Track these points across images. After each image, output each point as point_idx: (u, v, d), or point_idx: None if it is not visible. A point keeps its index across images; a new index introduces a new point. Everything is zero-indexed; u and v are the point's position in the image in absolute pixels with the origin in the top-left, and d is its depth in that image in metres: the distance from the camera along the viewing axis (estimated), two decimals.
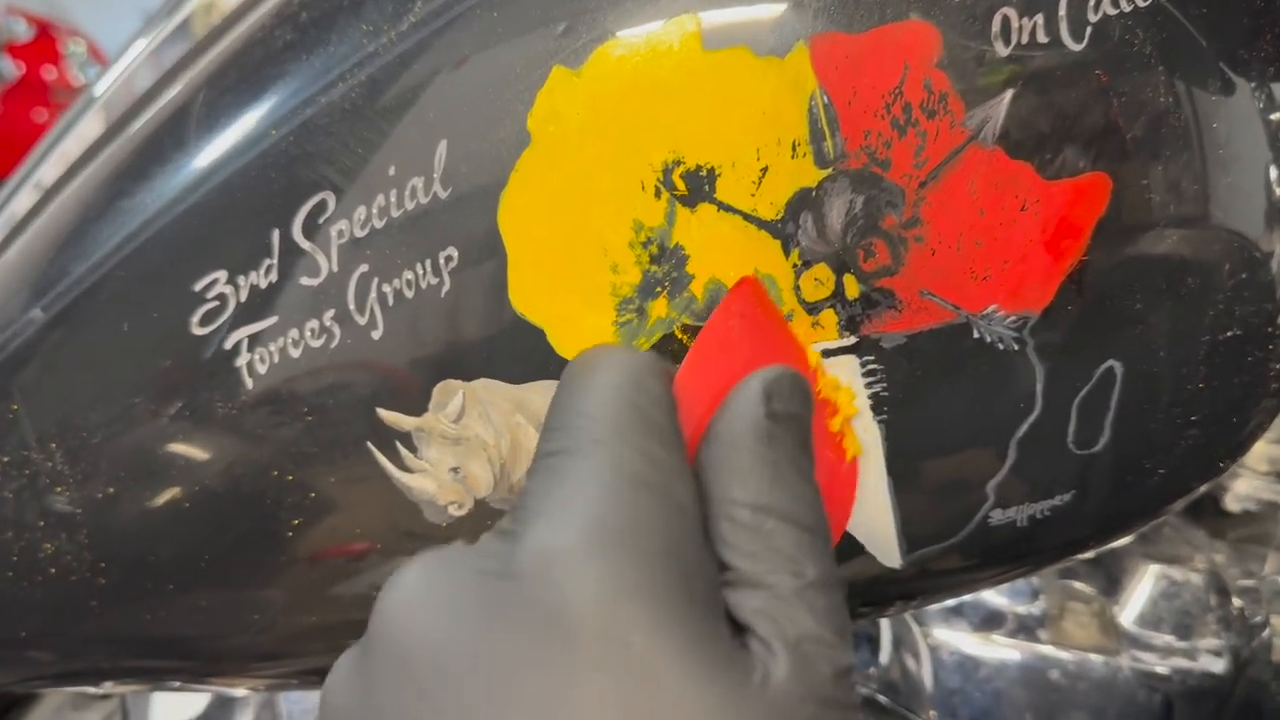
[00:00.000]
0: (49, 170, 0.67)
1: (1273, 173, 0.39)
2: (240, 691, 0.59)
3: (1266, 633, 0.63)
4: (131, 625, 0.43)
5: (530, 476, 0.30)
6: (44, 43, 2.84)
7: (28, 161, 0.65)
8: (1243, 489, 0.71)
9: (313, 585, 0.42)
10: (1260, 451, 0.64)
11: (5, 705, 0.61)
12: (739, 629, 0.28)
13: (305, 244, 0.37)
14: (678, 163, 0.35)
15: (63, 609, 0.43)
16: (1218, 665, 0.62)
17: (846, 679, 0.28)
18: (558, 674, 0.26)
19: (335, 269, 0.37)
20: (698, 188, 0.35)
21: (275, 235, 0.37)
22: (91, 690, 0.60)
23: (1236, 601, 0.64)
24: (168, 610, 0.42)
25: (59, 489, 0.41)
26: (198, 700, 0.60)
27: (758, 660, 0.27)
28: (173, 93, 0.41)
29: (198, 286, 0.38)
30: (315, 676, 0.47)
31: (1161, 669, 0.62)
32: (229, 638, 0.44)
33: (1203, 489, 0.45)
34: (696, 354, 0.32)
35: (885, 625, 0.64)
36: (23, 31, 2.83)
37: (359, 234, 0.36)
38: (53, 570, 0.42)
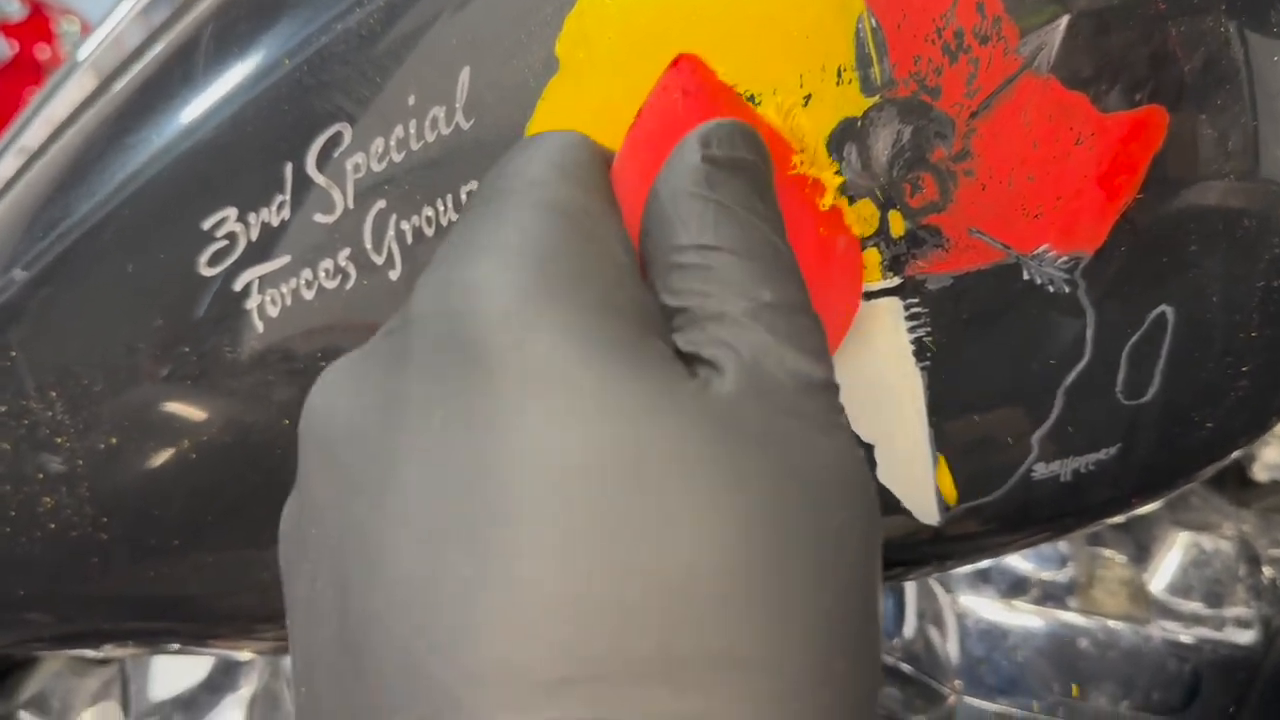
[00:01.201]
0: (34, 134, 0.66)
1: None
2: (245, 655, 0.58)
3: None
4: (134, 583, 0.42)
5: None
6: (37, 21, 2.83)
7: (12, 128, 0.63)
8: (1271, 457, 0.70)
9: None
10: None
11: (2, 670, 0.60)
12: (688, 363, 0.25)
13: (319, 178, 0.35)
14: None
15: (63, 566, 0.41)
16: (1247, 635, 0.61)
17: (818, 395, 0.25)
18: (468, 399, 0.23)
19: (351, 205, 0.35)
20: None
21: (288, 169, 0.35)
22: (91, 654, 0.59)
23: (1267, 571, 0.63)
24: (172, 567, 0.41)
25: (59, 440, 0.39)
26: (200, 665, 0.59)
27: (703, 375, 0.24)
28: (179, 28, 0.40)
29: (206, 224, 0.36)
30: None
31: (1190, 639, 0.61)
32: (235, 596, 0.43)
33: (1245, 448, 0.43)
34: (635, 134, 0.30)
35: (910, 592, 0.63)
36: (15, 10, 2.81)
37: (376, 168, 0.35)
38: (52, 525, 0.41)
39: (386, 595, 0.23)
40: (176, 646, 0.48)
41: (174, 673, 0.59)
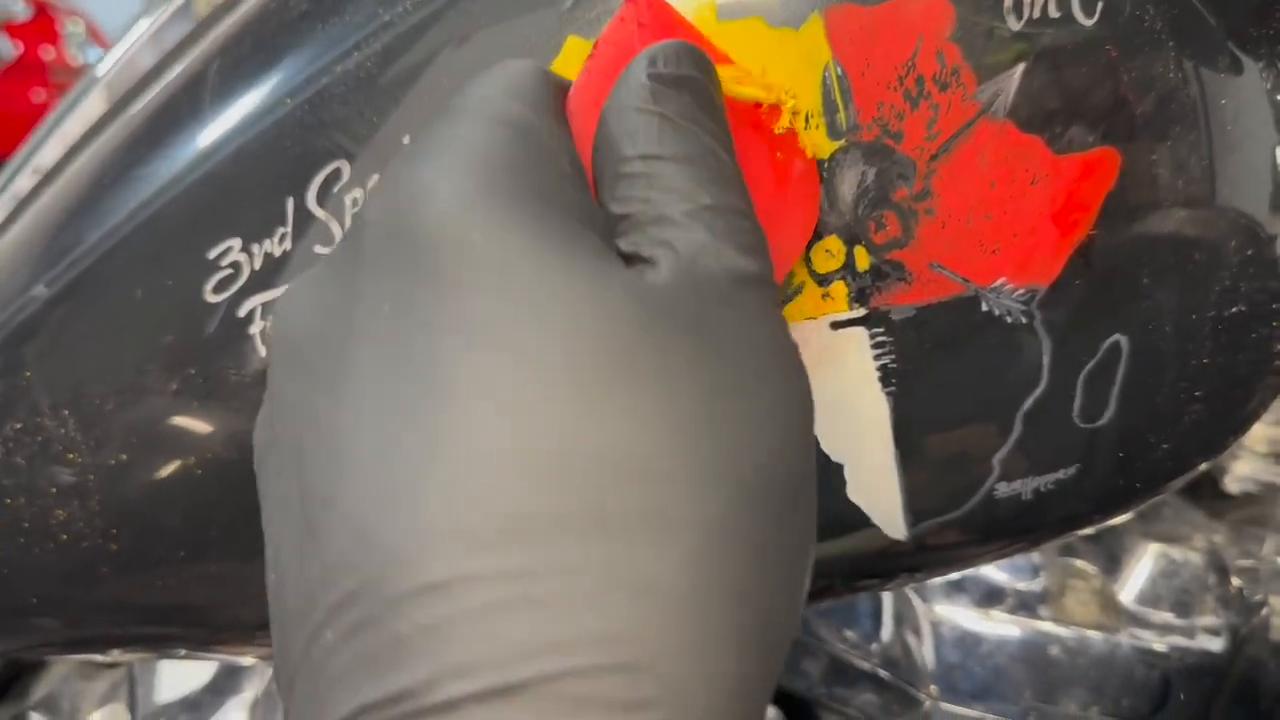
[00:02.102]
0: (50, 151, 0.67)
1: (1279, 153, 0.39)
2: (248, 660, 0.60)
3: (1265, 612, 0.63)
4: (141, 592, 0.43)
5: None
6: (42, 22, 2.83)
7: (29, 143, 0.64)
8: (1242, 470, 0.72)
9: None
10: (1260, 433, 0.65)
11: (12, 674, 0.61)
12: (629, 262, 0.26)
13: (319, 212, 0.37)
14: None
15: (73, 575, 0.43)
16: (1216, 644, 0.63)
17: (751, 287, 0.26)
18: (414, 289, 0.25)
19: None
20: None
21: (290, 203, 0.37)
22: (99, 658, 0.61)
23: (1235, 581, 0.64)
24: (178, 577, 0.43)
25: (71, 455, 0.41)
26: (204, 669, 0.61)
27: (639, 268, 0.26)
28: (186, 62, 0.42)
29: (211, 254, 0.38)
30: None
31: (1160, 646, 0.63)
32: (239, 605, 0.44)
33: (1205, 466, 0.45)
34: (591, 64, 0.31)
35: (887, 601, 0.64)
36: (21, 11, 2.82)
37: None
38: (64, 536, 0.42)
39: (340, 470, 0.24)
40: (183, 652, 0.49)
41: (179, 676, 0.60)
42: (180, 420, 0.40)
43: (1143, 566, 0.64)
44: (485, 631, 0.21)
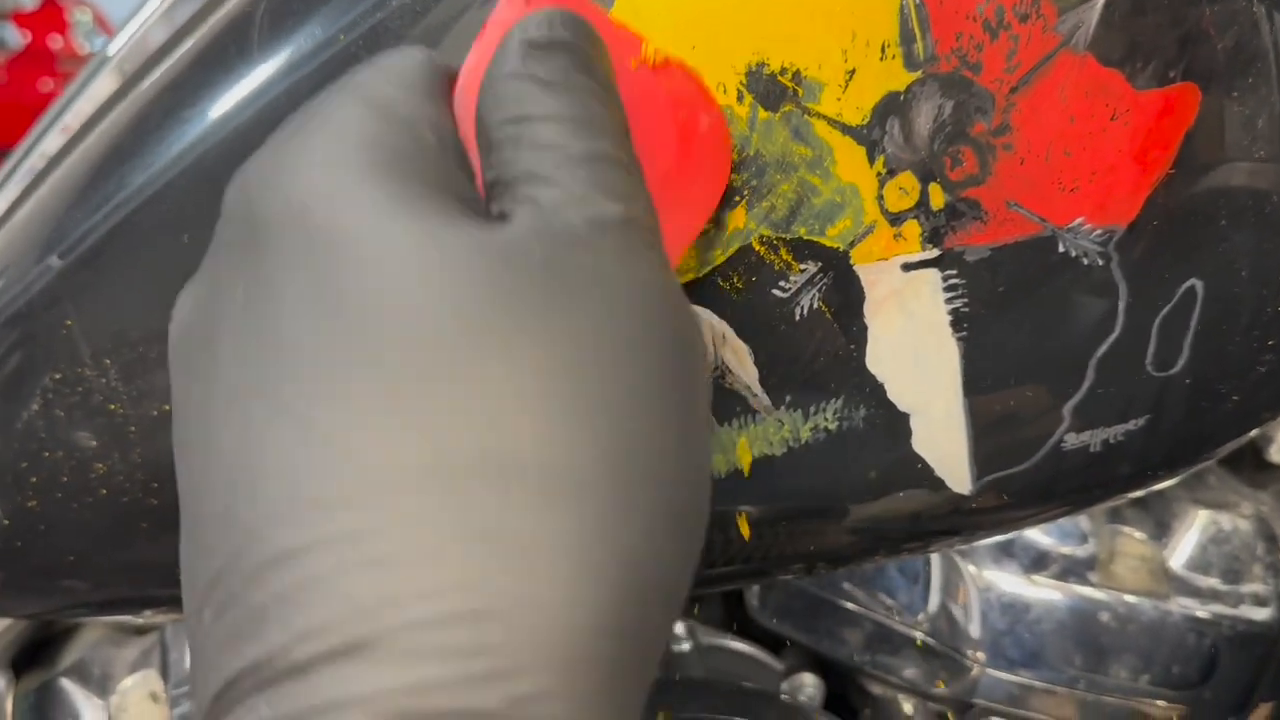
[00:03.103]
0: (53, 140, 0.66)
1: None
2: None
3: None
4: (157, 553, 0.43)
5: None
6: (50, 11, 2.84)
7: (39, 125, 0.63)
8: None
9: None
10: None
11: (42, 639, 0.61)
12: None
13: None
14: (761, 65, 0.34)
15: (114, 532, 0.42)
16: (1264, 613, 0.62)
17: (614, 231, 0.26)
18: (259, 270, 0.25)
19: None
20: (781, 91, 0.34)
21: None
22: (133, 619, 0.60)
23: None
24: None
25: (113, 407, 0.40)
26: None
27: (494, 224, 0.25)
28: (231, 3, 0.41)
29: None
30: None
31: (1207, 614, 0.62)
32: None
33: (1268, 422, 0.44)
34: (479, 45, 0.30)
35: (935, 566, 0.64)
36: (29, 0, 2.82)
37: None
38: (104, 491, 0.41)
39: (207, 459, 0.25)
40: None
41: None
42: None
43: (1192, 533, 0.63)
44: (331, 593, 0.22)
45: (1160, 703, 0.62)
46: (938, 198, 0.35)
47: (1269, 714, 0.63)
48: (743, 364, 0.38)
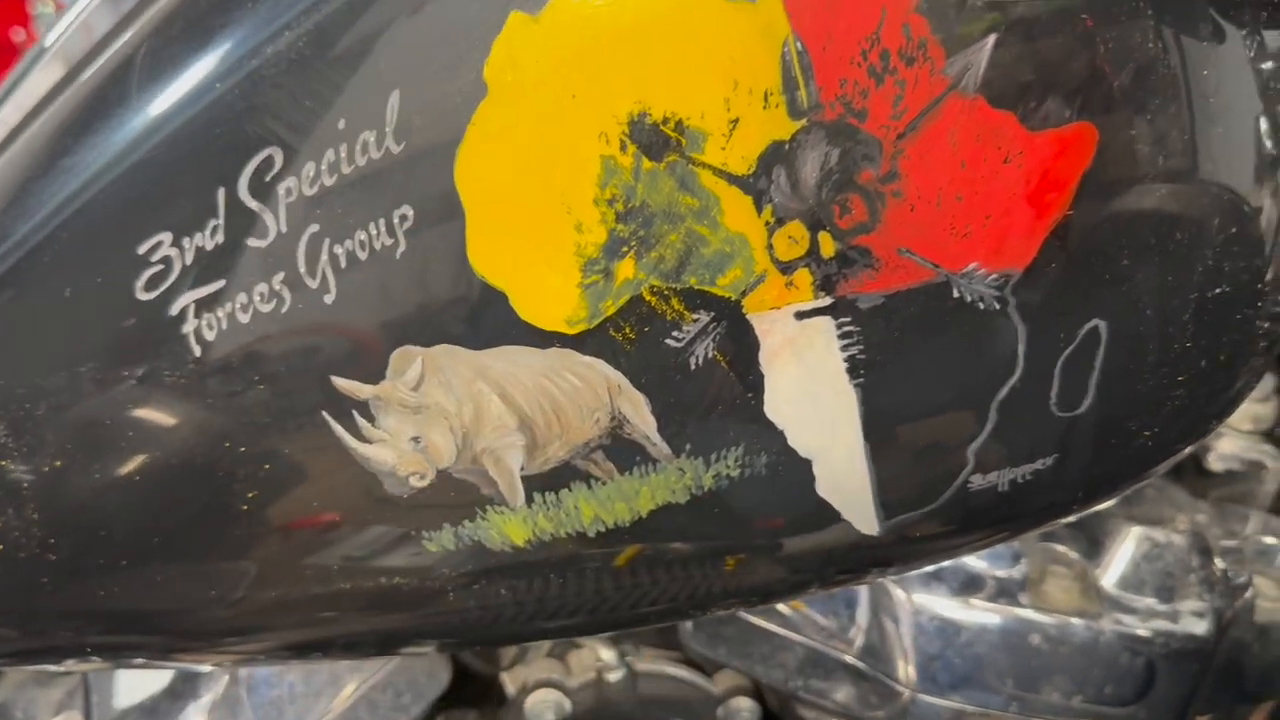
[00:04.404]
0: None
1: (1263, 124, 0.38)
2: (205, 667, 0.58)
3: (1250, 593, 0.62)
4: (86, 602, 0.42)
5: None
6: (12, 3, 2.79)
7: None
8: (1226, 448, 0.71)
9: (274, 559, 0.40)
10: (1244, 410, 0.64)
11: None
12: None
13: (252, 203, 0.35)
14: (644, 114, 0.33)
15: (13, 587, 0.41)
16: (1200, 627, 0.61)
17: None
18: None
19: (284, 229, 0.35)
20: (664, 141, 0.33)
21: (221, 194, 0.35)
22: (53, 669, 0.59)
23: (1219, 562, 0.63)
24: (123, 586, 0.41)
25: (4, 463, 0.39)
26: (162, 675, 0.59)
27: None
28: (118, 44, 0.39)
29: (142, 249, 0.36)
30: (285, 651, 0.46)
31: (1143, 631, 0.61)
32: (190, 613, 0.43)
33: (1188, 450, 0.44)
34: None
35: (864, 590, 0.63)
36: None
37: (308, 192, 0.35)
38: (1, 547, 0.40)
39: None
40: (136, 661, 0.48)
41: (137, 681, 0.59)
42: (115, 424, 0.38)
43: (1125, 550, 0.63)
44: None
45: None
46: (828, 246, 0.35)
47: None
48: (639, 413, 0.37)
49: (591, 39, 0.33)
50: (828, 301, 0.35)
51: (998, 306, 0.36)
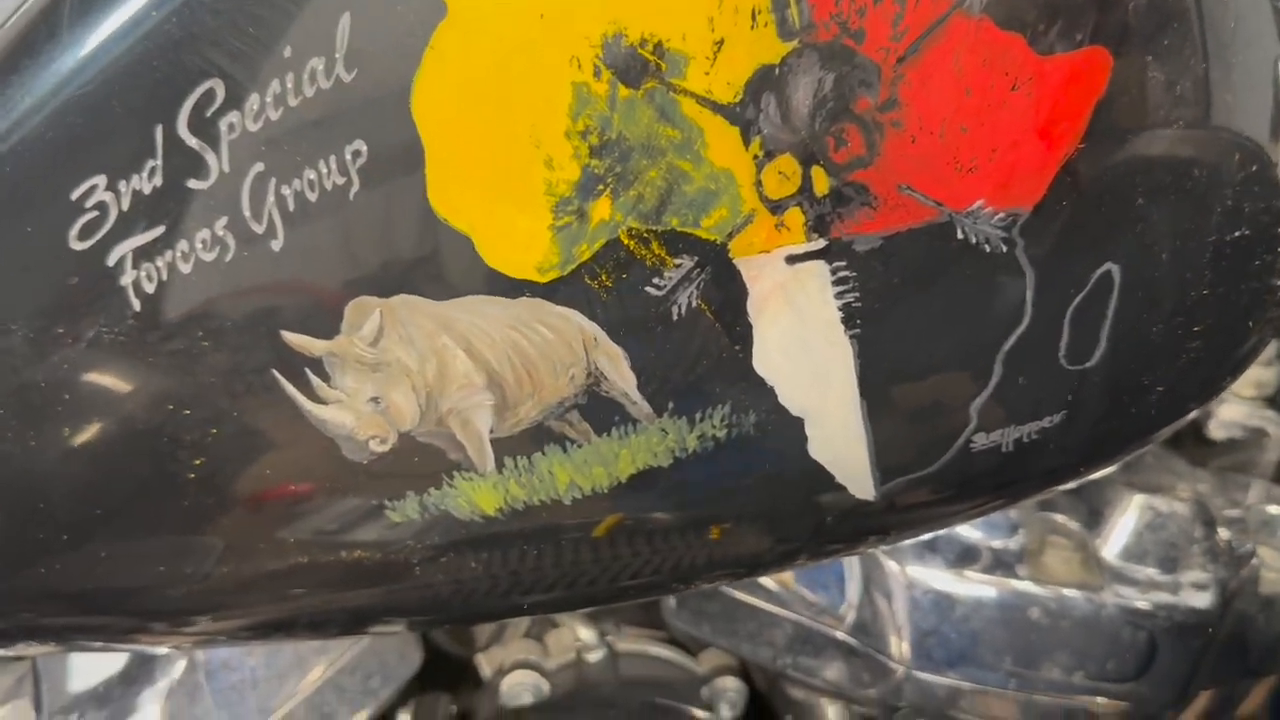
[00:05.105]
0: None
1: None
2: (161, 649, 0.56)
3: (1254, 564, 0.61)
4: (29, 581, 0.40)
5: None
6: None
7: None
8: (1228, 415, 0.69)
9: (225, 532, 0.38)
10: (1246, 375, 0.62)
11: None
12: None
13: (192, 141, 0.32)
14: (619, 36, 0.31)
15: None
16: (1203, 599, 0.60)
17: None
18: None
19: (226, 169, 0.32)
20: (642, 65, 0.31)
21: (159, 132, 0.33)
22: (4, 653, 0.57)
23: (1223, 532, 0.61)
24: (66, 564, 0.39)
25: None
26: (115, 660, 0.57)
27: None
28: None
29: (75, 194, 0.33)
30: (246, 632, 0.44)
31: (1146, 604, 0.60)
32: (139, 592, 0.40)
33: (1197, 411, 0.42)
34: None
35: (855, 563, 0.61)
36: None
37: (252, 128, 0.32)
38: None
39: None
40: (84, 643, 0.46)
41: (89, 667, 0.57)
42: (49, 386, 0.36)
43: (1127, 520, 0.61)
44: None
45: (1097, 699, 0.60)
46: (821, 182, 0.32)
47: (1209, 702, 0.61)
48: (618, 368, 0.35)
49: None
50: (821, 244, 0.33)
51: (1004, 249, 0.33)
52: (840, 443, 0.36)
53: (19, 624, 0.43)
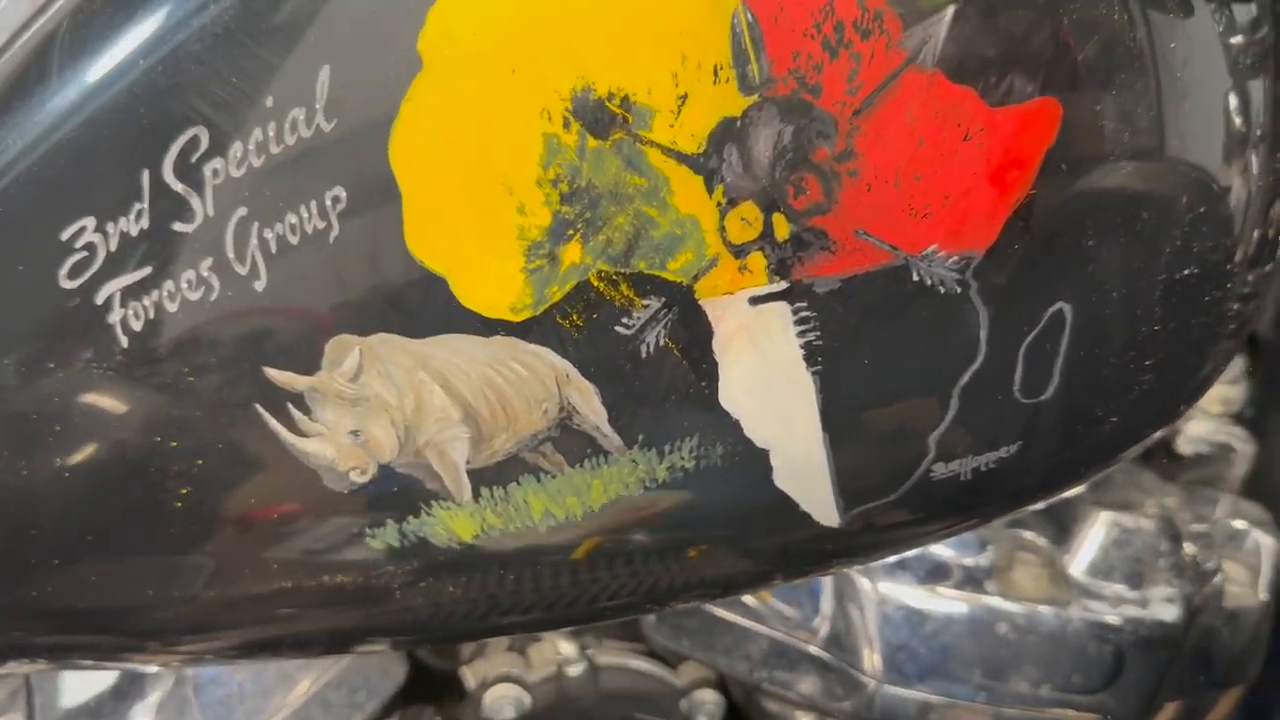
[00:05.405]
0: None
1: (1232, 100, 0.37)
2: (150, 668, 0.57)
3: (1218, 579, 0.62)
4: (20, 602, 0.40)
5: None
6: None
7: None
8: (1195, 431, 0.70)
9: (211, 557, 0.39)
10: (1213, 393, 0.63)
11: None
12: None
13: (177, 186, 0.33)
14: (587, 90, 0.32)
15: None
16: (1169, 613, 0.61)
17: None
18: None
19: (211, 213, 0.33)
20: (610, 118, 0.32)
21: (145, 177, 0.33)
22: None
23: (1189, 548, 0.63)
24: (57, 586, 0.40)
25: None
26: (106, 675, 0.58)
27: None
28: (41, 21, 0.38)
29: (65, 235, 0.34)
30: (232, 651, 0.45)
31: (1113, 619, 0.61)
32: (128, 614, 0.41)
33: (1158, 435, 0.43)
34: None
35: (828, 579, 0.62)
36: None
37: (235, 174, 0.33)
38: None
39: None
40: (73, 662, 0.46)
41: (81, 682, 0.58)
42: (39, 418, 0.36)
43: (1094, 536, 0.62)
44: None
45: (1069, 711, 0.61)
46: (782, 228, 0.33)
47: (1174, 713, 0.63)
48: (589, 403, 0.36)
49: (531, 9, 0.31)
50: (783, 286, 0.34)
51: (959, 290, 0.35)
52: (804, 473, 0.37)
53: (11, 642, 0.44)
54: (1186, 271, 0.37)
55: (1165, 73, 0.35)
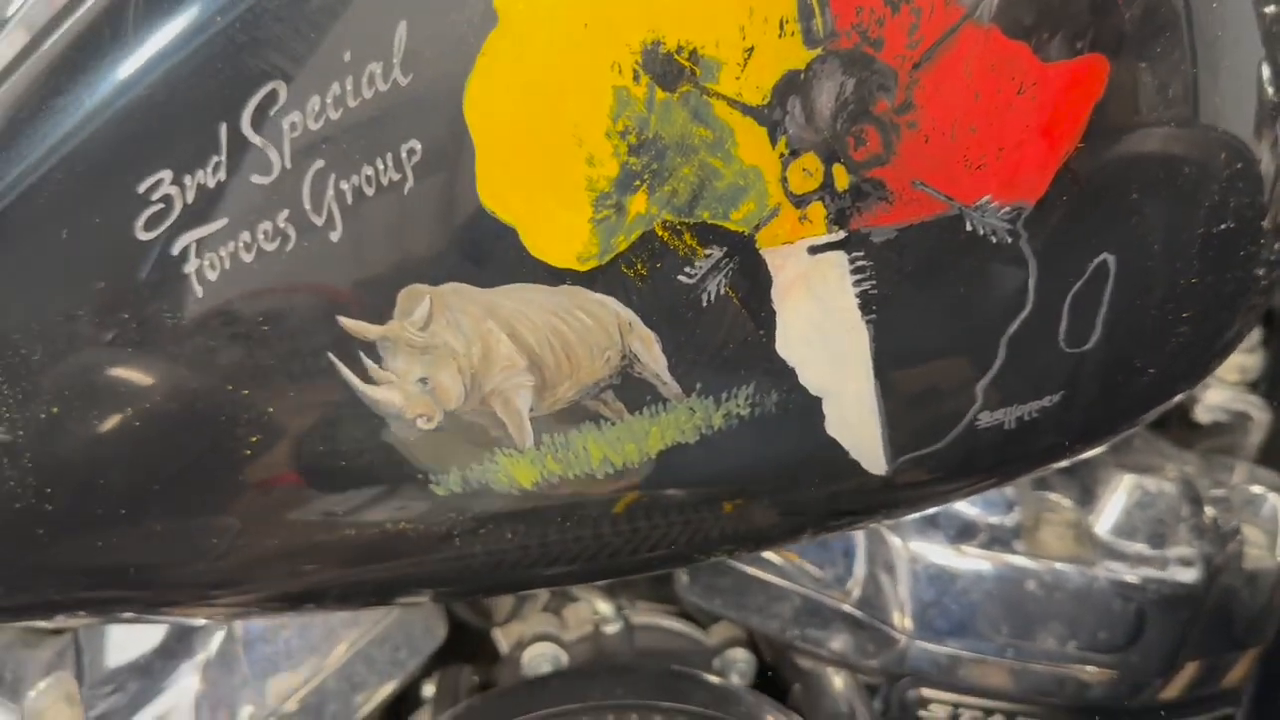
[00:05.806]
0: None
1: (1265, 69, 0.38)
2: (199, 621, 0.57)
3: (1238, 540, 0.63)
4: (82, 554, 0.41)
5: None
6: None
7: None
8: (1213, 399, 0.71)
9: (273, 508, 0.40)
10: (1230, 361, 0.64)
11: None
12: None
13: (255, 138, 0.34)
14: (657, 43, 0.33)
15: (8, 539, 0.41)
16: (1190, 574, 0.62)
17: None
18: None
19: (288, 165, 0.34)
20: (678, 71, 0.33)
21: (223, 130, 0.34)
22: (43, 624, 0.58)
23: (1209, 510, 0.64)
24: (120, 537, 0.41)
25: None
26: (154, 632, 0.59)
27: None
28: None
29: (141, 188, 0.35)
30: (277, 603, 0.46)
31: (1135, 578, 0.62)
32: (186, 565, 0.42)
33: (1184, 394, 0.44)
34: None
35: (860, 539, 0.63)
36: None
37: (313, 126, 0.34)
38: None
39: None
40: (130, 615, 0.47)
41: (128, 640, 0.58)
42: (114, 370, 0.37)
43: (1117, 498, 0.64)
44: None
45: (1089, 667, 0.62)
46: (842, 179, 0.34)
47: (1195, 672, 0.64)
48: (650, 351, 0.37)
49: None
50: (841, 235, 0.35)
51: (1009, 240, 0.36)
52: (855, 421, 0.38)
53: (68, 596, 0.44)
54: (1223, 226, 0.38)
55: (1204, 34, 0.36)
